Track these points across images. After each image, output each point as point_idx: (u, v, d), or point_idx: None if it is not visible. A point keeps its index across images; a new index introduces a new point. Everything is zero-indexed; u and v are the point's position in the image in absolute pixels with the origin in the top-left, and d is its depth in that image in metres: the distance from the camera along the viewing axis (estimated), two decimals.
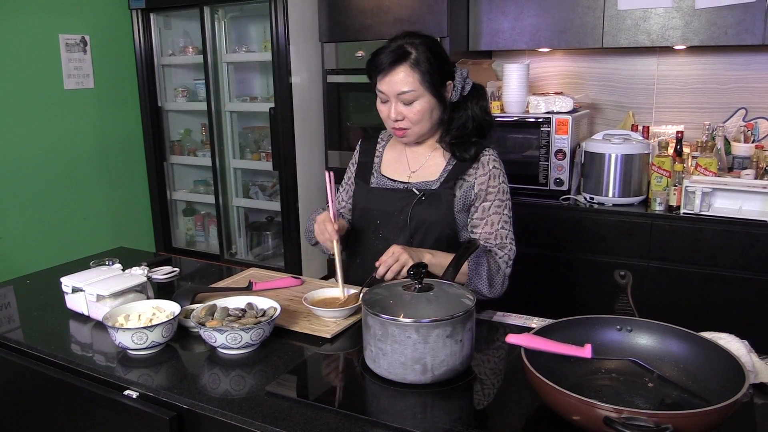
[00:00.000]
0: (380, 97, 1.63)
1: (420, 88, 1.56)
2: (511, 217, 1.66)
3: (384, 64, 1.57)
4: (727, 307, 2.40)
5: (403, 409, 1.08)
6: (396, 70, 1.56)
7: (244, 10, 3.41)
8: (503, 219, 1.63)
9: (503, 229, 1.63)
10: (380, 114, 1.65)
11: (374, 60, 1.60)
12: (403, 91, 1.56)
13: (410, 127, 1.61)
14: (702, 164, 2.49)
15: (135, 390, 1.19)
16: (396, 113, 1.59)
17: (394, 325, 1.11)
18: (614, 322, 1.17)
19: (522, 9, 2.85)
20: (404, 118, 1.60)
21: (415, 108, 1.58)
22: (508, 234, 1.64)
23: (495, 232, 1.62)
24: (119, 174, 3.62)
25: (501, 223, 1.63)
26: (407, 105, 1.58)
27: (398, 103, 1.59)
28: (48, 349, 1.34)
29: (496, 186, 1.64)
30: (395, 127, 1.63)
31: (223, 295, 1.48)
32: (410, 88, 1.56)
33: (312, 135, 3.26)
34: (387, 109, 1.61)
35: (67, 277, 1.52)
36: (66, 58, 3.26)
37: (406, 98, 1.57)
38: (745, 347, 1.15)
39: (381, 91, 1.61)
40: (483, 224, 1.62)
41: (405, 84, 1.56)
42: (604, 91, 3.09)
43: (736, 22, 2.46)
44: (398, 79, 1.56)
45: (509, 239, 1.63)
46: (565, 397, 0.93)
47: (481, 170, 1.64)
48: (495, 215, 1.63)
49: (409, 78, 1.55)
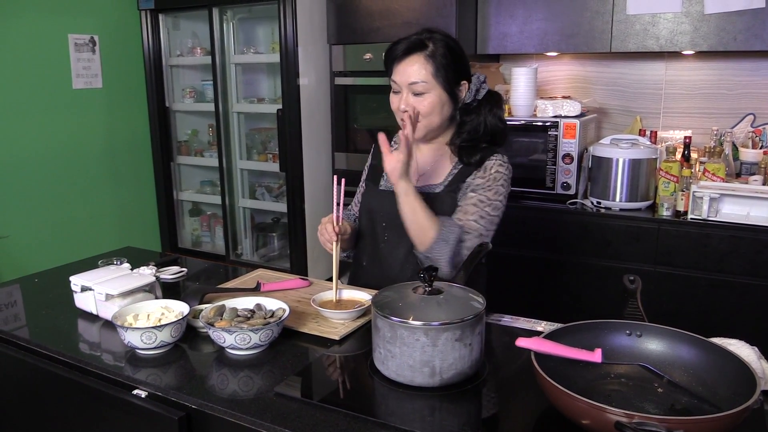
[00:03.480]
0: (393, 87, 1.62)
1: (432, 81, 1.56)
2: (494, 216, 1.60)
3: (399, 52, 1.57)
4: (735, 314, 2.39)
5: (411, 412, 1.08)
6: (410, 59, 1.56)
7: (252, 12, 3.42)
8: (480, 213, 1.57)
9: (475, 223, 1.56)
10: (391, 105, 1.64)
11: (391, 49, 1.60)
12: (414, 81, 1.56)
13: (419, 120, 1.60)
14: (710, 170, 2.48)
15: (144, 389, 1.19)
16: (405, 104, 1.58)
17: (403, 328, 1.11)
18: (624, 326, 1.17)
19: (530, 13, 2.85)
20: (414, 110, 1.59)
21: (426, 101, 1.57)
22: (479, 228, 1.56)
23: (464, 221, 1.56)
24: (126, 174, 3.63)
25: (476, 215, 1.56)
26: (417, 96, 1.58)
27: (409, 94, 1.58)
28: (56, 348, 1.35)
29: (491, 186, 1.59)
30: (404, 118, 1.60)
31: (231, 296, 1.48)
32: (422, 79, 1.55)
33: (319, 137, 3.27)
34: (398, 100, 1.61)
35: (76, 275, 1.52)
36: (75, 57, 3.27)
37: (417, 89, 1.56)
38: (755, 353, 1.14)
39: (394, 80, 1.60)
40: (458, 210, 1.58)
41: (417, 75, 1.56)
42: (612, 95, 3.08)
43: (745, 28, 2.45)
44: (411, 70, 1.56)
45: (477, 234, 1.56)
46: (576, 401, 0.93)
47: (481, 173, 1.61)
48: (472, 206, 1.57)
49: (422, 69, 1.55)
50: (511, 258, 2.71)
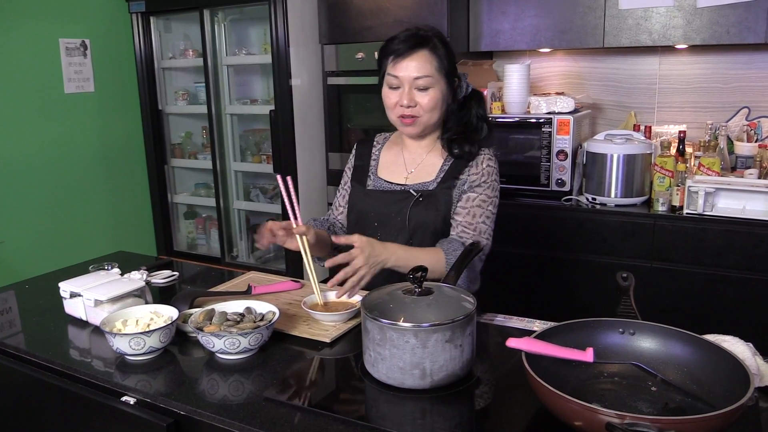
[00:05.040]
0: (391, 83, 1.59)
1: (437, 75, 1.56)
2: (495, 214, 1.64)
3: (403, 48, 1.56)
4: (731, 309, 2.38)
5: (402, 415, 1.07)
6: (416, 54, 1.55)
7: (243, 13, 3.41)
8: (485, 214, 1.61)
9: (483, 224, 1.60)
10: (386, 101, 1.62)
11: (392, 43, 1.58)
12: (419, 76, 1.55)
13: (420, 116, 1.59)
14: (705, 164, 2.47)
15: (133, 396, 1.17)
16: (409, 99, 1.57)
17: (393, 330, 1.10)
18: (616, 325, 1.15)
19: (522, 9, 2.84)
20: (416, 105, 1.58)
21: (429, 95, 1.57)
22: (487, 230, 1.61)
23: (475, 224, 1.59)
24: (120, 177, 3.61)
25: (482, 217, 1.60)
26: (421, 91, 1.57)
27: (412, 90, 1.57)
28: (46, 355, 1.33)
29: (488, 182, 1.63)
30: (404, 114, 1.59)
31: (221, 300, 1.47)
32: (427, 73, 1.55)
33: (312, 137, 3.25)
34: (397, 96, 1.59)
35: (65, 282, 1.51)
36: (66, 62, 3.25)
37: (422, 83, 1.56)
38: (750, 350, 1.13)
39: (395, 75, 1.58)
40: (465, 213, 1.60)
41: (423, 69, 1.55)
42: (606, 91, 3.07)
43: (738, 21, 2.44)
44: (417, 64, 1.55)
45: (487, 235, 1.61)
46: (567, 402, 0.92)
47: (475, 168, 1.63)
48: (478, 208, 1.60)
49: (427, 64, 1.55)
50: (507, 256, 2.69)
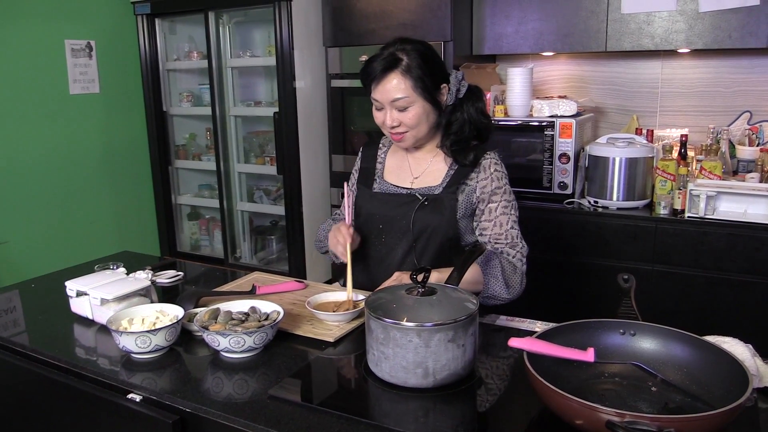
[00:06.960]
0: (375, 104, 1.63)
1: (413, 94, 1.56)
2: (518, 216, 1.67)
3: (376, 71, 1.57)
4: (732, 311, 2.39)
5: (405, 413, 1.08)
6: (388, 77, 1.56)
7: (248, 15, 3.43)
8: (511, 219, 1.64)
9: (513, 229, 1.63)
10: (376, 120, 1.65)
11: (367, 68, 1.60)
12: (396, 98, 1.56)
13: (407, 131, 1.61)
14: (706, 168, 2.48)
15: (138, 393, 1.19)
16: (391, 119, 1.59)
17: (396, 329, 1.11)
18: (617, 325, 1.17)
19: (525, 13, 2.85)
20: (400, 124, 1.60)
21: (410, 113, 1.58)
22: (518, 233, 1.64)
23: (505, 232, 1.62)
24: (124, 178, 3.63)
25: (510, 223, 1.63)
26: (402, 111, 1.58)
27: (393, 110, 1.59)
28: (52, 353, 1.35)
29: (501, 187, 1.64)
30: (392, 132, 1.63)
31: (226, 299, 1.48)
32: (403, 94, 1.56)
33: (316, 139, 3.27)
34: (383, 116, 1.62)
35: (71, 280, 1.53)
36: (72, 63, 3.28)
37: (400, 104, 1.57)
38: (749, 351, 1.14)
39: (375, 99, 1.61)
40: (492, 226, 1.63)
41: (398, 91, 1.56)
42: (608, 94, 3.08)
43: (740, 26, 2.45)
44: (391, 87, 1.56)
45: (519, 238, 1.64)
46: (568, 401, 0.93)
47: (483, 174, 1.64)
48: (503, 216, 1.63)
49: (401, 85, 1.55)
50: None
